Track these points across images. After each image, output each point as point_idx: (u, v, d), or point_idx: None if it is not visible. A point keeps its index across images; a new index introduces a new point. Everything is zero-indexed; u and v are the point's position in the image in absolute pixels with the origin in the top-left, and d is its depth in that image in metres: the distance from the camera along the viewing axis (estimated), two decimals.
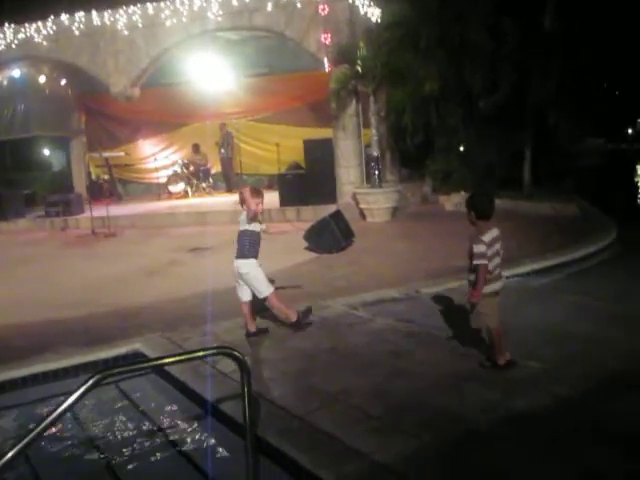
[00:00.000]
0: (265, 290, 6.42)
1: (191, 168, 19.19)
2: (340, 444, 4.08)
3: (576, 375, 5.01)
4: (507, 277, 8.24)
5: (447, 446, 4.04)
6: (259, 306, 6.86)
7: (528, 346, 5.67)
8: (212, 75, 18.45)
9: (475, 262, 5.17)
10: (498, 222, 11.48)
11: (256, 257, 6.41)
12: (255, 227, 6.39)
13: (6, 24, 16.97)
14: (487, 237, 5.21)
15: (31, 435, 3.26)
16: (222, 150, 19.10)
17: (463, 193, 14.83)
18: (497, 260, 5.30)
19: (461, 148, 16.01)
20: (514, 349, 5.43)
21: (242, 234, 6.39)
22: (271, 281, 6.64)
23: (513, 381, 4.96)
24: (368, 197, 13.88)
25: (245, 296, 6.49)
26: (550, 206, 13.65)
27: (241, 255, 6.38)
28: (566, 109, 16.23)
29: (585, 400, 4.59)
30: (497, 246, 5.30)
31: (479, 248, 5.13)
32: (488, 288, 5.22)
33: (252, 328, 6.52)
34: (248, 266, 6.35)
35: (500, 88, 14.78)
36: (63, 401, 3.31)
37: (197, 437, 4.77)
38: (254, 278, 6.38)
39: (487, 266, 5.15)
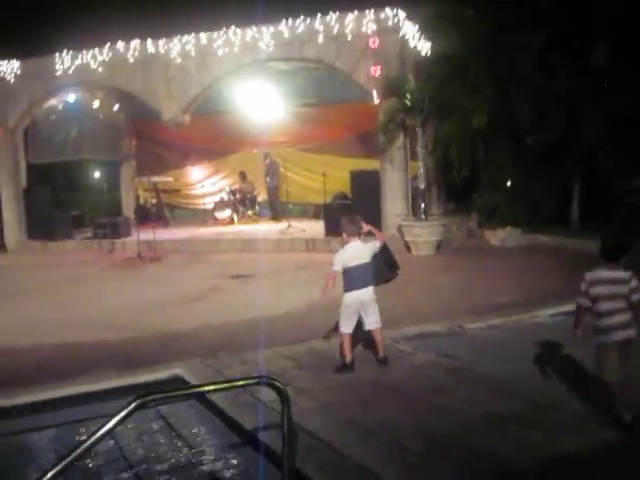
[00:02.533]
0: (379, 319, 6.48)
1: (238, 195, 19.34)
2: None
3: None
4: (551, 315, 8.20)
5: None
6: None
7: (571, 387, 5.53)
8: (261, 104, 18.63)
9: None
10: (543, 258, 11.30)
11: None
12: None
13: (64, 51, 17.39)
14: (590, 276, 4.98)
15: (71, 457, 3.27)
16: (268, 179, 19.26)
17: (509, 228, 14.69)
18: (609, 305, 4.82)
19: (508, 183, 15.87)
20: (557, 390, 5.32)
21: (368, 265, 6.46)
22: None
23: (553, 422, 4.85)
24: (413, 230, 13.83)
25: (352, 327, 6.43)
26: (598, 243, 13.40)
27: (370, 283, 6.43)
28: (617, 146, 15.99)
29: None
30: (607, 288, 4.87)
31: (581, 285, 4.98)
32: (603, 337, 4.84)
33: (350, 359, 6.38)
34: (374, 292, 6.45)
35: (549, 124, 14.62)
36: (103, 424, 3.32)
37: (234, 466, 4.74)
38: (376, 304, 6.46)
39: (581, 306, 4.96)
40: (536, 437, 4.57)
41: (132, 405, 3.29)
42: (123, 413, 3.29)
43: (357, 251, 6.46)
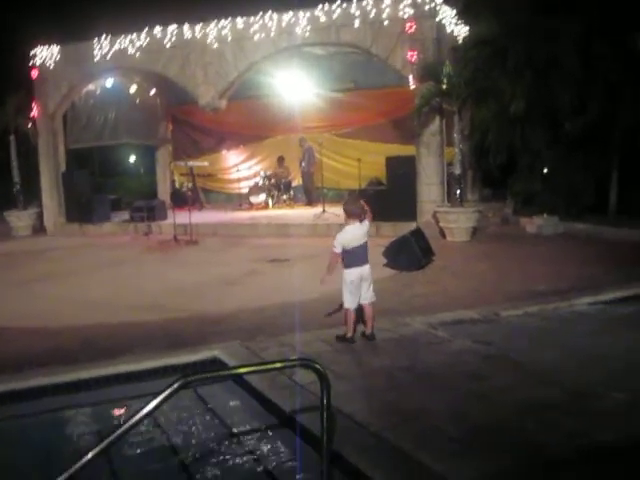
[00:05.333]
0: (373, 295, 6.97)
1: (272, 180, 19.40)
2: (416, 464, 4.05)
3: None
4: (589, 304, 8.15)
5: (524, 473, 3.97)
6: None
7: (611, 376, 5.51)
8: (297, 89, 18.65)
9: None
10: (581, 246, 11.24)
11: None
12: None
13: (103, 36, 17.55)
14: None
15: (115, 435, 3.37)
16: (303, 164, 19.28)
17: (545, 216, 14.56)
18: None
19: (545, 170, 15.72)
20: (597, 379, 5.30)
21: (365, 245, 6.84)
22: None
23: (595, 411, 4.82)
24: (448, 216, 13.77)
25: (356, 303, 6.86)
26: (638, 232, 13.23)
27: (367, 261, 6.89)
28: None
29: None
30: None
31: None
32: None
33: (351, 333, 6.83)
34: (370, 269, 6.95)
35: (589, 110, 14.44)
36: (147, 403, 3.39)
37: (272, 446, 4.80)
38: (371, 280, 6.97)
39: None
40: (577, 426, 4.53)
41: (175, 385, 3.36)
42: (166, 392, 3.37)
43: (355, 233, 6.80)
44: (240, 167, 20.98)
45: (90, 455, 3.30)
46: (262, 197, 19.35)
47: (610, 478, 3.90)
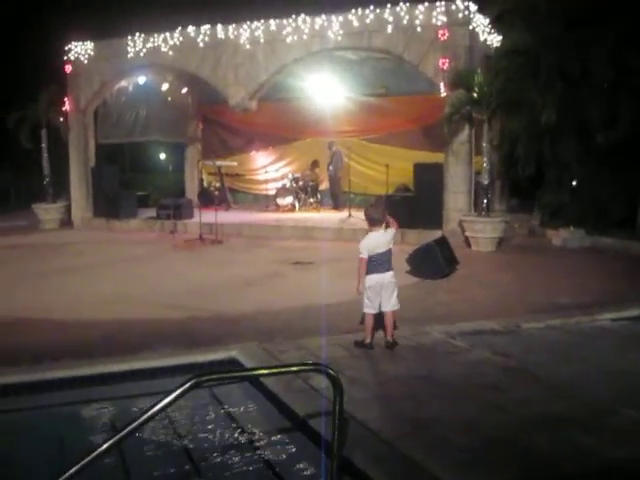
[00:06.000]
0: (397, 303, 6.91)
1: (300, 183, 19.41)
2: (427, 474, 4.02)
3: None
4: (613, 319, 8.04)
5: None
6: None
7: (632, 392, 5.43)
8: (327, 92, 18.66)
9: None
10: (607, 261, 11.11)
11: None
12: None
13: (137, 34, 17.68)
14: None
15: (126, 430, 3.36)
16: (330, 167, 19.25)
17: (572, 229, 14.40)
18: None
19: (574, 183, 15.56)
20: (616, 396, 5.22)
21: (389, 252, 6.85)
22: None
23: (611, 428, 4.75)
24: (475, 225, 13.69)
25: (375, 309, 6.83)
26: None
27: (391, 268, 6.86)
28: None
29: None
30: None
31: None
32: None
33: (370, 339, 6.79)
34: (393, 276, 6.90)
35: (620, 122, 14.26)
36: (159, 401, 3.40)
37: (283, 449, 4.78)
38: (396, 287, 6.91)
39: None
40: (591, 442, 4.46)
41: (188, 384, 3.36)
42: (179, 391, 3.36)
43: (380, 240, 6.82)
44: (268, 168, 21.05)
45: (100, 450, 3.30)
46: (289, 199, 19.36)
47: None
